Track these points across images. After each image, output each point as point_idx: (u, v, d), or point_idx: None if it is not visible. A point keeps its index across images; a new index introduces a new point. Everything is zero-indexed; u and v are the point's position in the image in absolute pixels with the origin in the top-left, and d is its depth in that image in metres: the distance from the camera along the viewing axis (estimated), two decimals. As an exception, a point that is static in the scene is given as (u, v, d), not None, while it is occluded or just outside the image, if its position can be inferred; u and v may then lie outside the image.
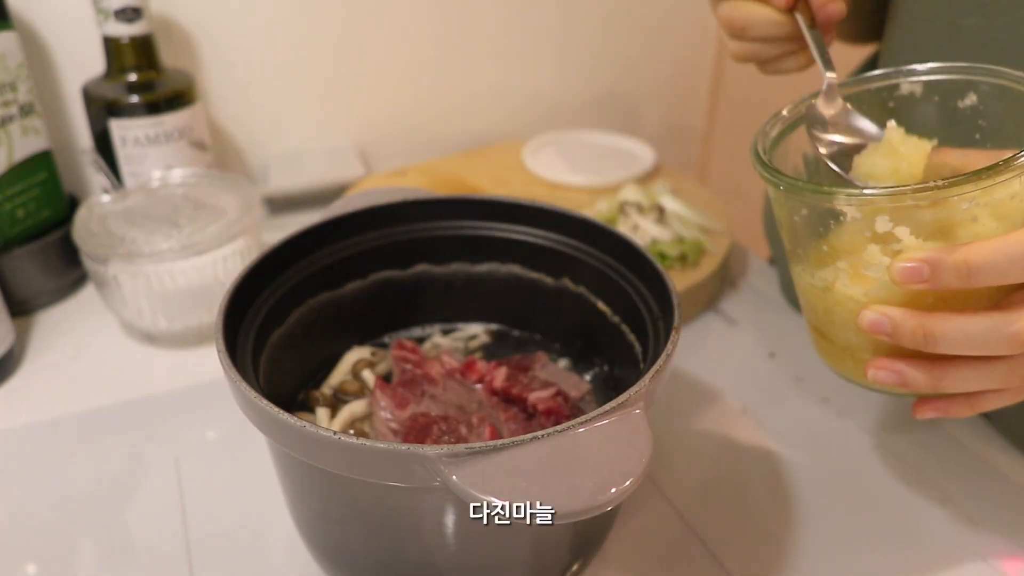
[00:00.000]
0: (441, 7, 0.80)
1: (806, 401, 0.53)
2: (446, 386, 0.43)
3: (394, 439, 0.40)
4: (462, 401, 0.42)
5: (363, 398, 0.43)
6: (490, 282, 0.47)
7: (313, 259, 0.43)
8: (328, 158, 0.80)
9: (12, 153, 0.58)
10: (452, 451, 0.27)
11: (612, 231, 0.42)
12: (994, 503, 0.45)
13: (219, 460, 0.48)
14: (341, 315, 0.45)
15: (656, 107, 0.97)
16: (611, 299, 0.43)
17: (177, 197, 0.59)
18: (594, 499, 0.26)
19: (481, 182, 0.76)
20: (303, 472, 0.33)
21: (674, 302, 0.35)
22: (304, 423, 0.28)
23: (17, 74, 0.58)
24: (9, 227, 0.59)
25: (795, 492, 0.45)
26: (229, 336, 0.35)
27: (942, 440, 0.49)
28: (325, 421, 0.42)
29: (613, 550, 0.42)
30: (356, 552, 0.36)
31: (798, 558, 0.41)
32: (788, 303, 0.63)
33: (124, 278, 0.53)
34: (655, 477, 0.46)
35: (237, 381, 0.31)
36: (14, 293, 0.59)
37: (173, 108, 0.63)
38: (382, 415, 0.41)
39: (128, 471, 0.47)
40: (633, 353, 0.40)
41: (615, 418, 0.29)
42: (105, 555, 0.42)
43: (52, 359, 0.56)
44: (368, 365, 0.45)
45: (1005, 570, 0.41)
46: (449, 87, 0.85)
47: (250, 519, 0.43)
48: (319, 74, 0.78)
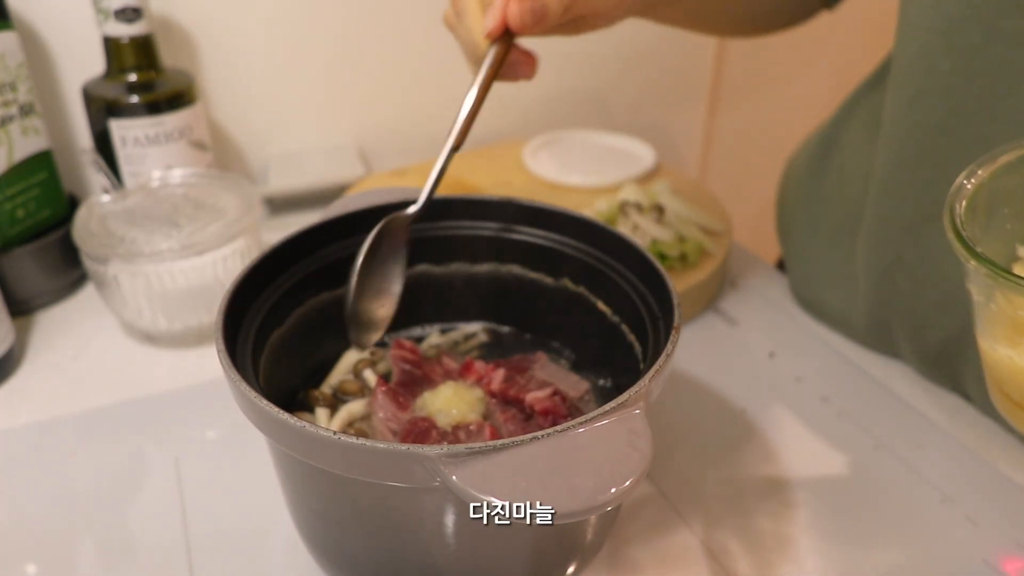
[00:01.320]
0: (440, 6, 0.80)
1: (806, 401, 0.53)
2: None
3: (393, 439, 0.40)
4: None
5: (363, 398, 0.43)
6: (490, 282, 0.47)
7: (313, 259, 0.43)
8: (328, 158, 0.80)
9: (12, 153, 0.58)
10: (452, 451, 0.27)
11: (612, 231, 0.42)
12: (994, 503, 0.45)
13: (219, 460, 0.48)
14: (341, 315, 0.45)
15: (656, 107, 0.97)
16: (611, 299, 0.43)
17: (177, 197, 0.59)
18: (594, 499, 0.26)
19: (481, 182, 0.76)
20: (303, 472, 0.33)
21: (674, 302, 0.35)
22: (304, 423, 0.28)
23: (17, 74, 0.58)
24: (9, 227, 0.59)
25: (795, 492, 0.45)
26: (229, 336, 0.35)
27: (942, 440, 0.49)
28: (324, 421, 0.42)
29: (613, 550, 0.42)
30: (356, 552, 0.36)
31: (798, 558, 0.41)
32: (796, 304, 0.63)
33: (124, 278, 0.53)
34: (655, 477, 0.46)
35: (237, 381, 0.31)
36: (14, 293, 0.59)
37: (173, 108, 0.63)
38: (381, 415, 0.41)
39: (128, 471, 0.47)
40: (633, 353, 0.40)
41: (615, 418, 0.29)
42: (105, 555, 0.42)
43: (52, 359, 0.56)
44: (369, 364, 0.45)
45: (1005, 570, 0.41)
46: (449, 87, 0.85)
47: (250, 519, 0.43)
48: (319, 74, 0.78)
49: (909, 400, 0.53)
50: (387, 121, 0.83)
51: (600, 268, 0.43)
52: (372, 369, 0.45)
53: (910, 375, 0.55)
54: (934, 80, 0.46)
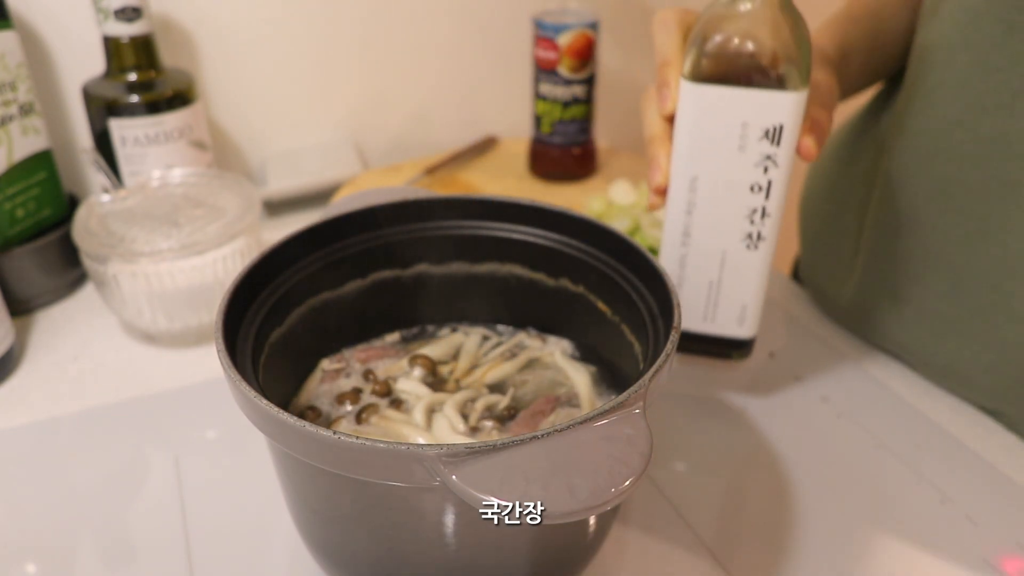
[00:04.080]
0: (440, 6, 0.80)
1: (806, 401, 0.53)
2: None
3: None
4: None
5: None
6: (490, 282, 0.47)
7: (313, 259, 0.43)
8: (326, 157, 0.79)
9: (12, 153, 0.58)
10: (452, 451, 0.27)
11: (612, 231, 0.42)
12: (994, 503, 0.45)
13: (219, 460, 0.48)
14: (341, 315, 0.45)
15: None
16: (611, 299, 0.43)
17: (177, 197, 0.59)
18: (594, 499, 0.26)
19: (481, 182, 0.76)
20: (303, 472, 0.33)
21: (674, 302, 0.35)
22: (304, 423, 0.28)
23: (17, 74, 0.58)
24: (9, 227, 0.59)
25: (795, 492, 0.45)
26: (229, 336, 0.35)
27: (942, 440, 0.49)
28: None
29: (613, 550, 0.42)
30: (356, 552, 0.36)
31: (798, 558, 0.41)
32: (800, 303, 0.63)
33: (124, 278, 0.53)
34: (655, 477, 0.46)
35: (237, 381, 0.31)
36: (14, 293, 0.59)
37: (173, 108, 0.63)
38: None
39: (128, 471, 0.47)
40: (633, 353, 0.40)
41: (615, 418, 0.29)
42: (105, 555, 0.42)
43: (52, 359, 0.56)
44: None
45: (1005, 570, 0.41)
46: (449, 86, 0.85)
47: (250, 519, 0.43)
48: (319, 74, 0.78)
49: (909, 400, 0.53)
50: (383, 119, 0.83)
51: (600, 268, 0.42)
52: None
53: (910, 375, 0.55)
54: (951, 73, 0.46)
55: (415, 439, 0.38)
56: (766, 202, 0.43)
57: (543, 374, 0.44)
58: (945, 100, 0.46)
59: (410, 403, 0.41)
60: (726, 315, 0.47)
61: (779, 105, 0.40)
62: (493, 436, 0.39)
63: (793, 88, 0.40)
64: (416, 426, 0.39)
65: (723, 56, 0.40)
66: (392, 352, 0.46)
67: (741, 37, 0.40)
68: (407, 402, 0.41)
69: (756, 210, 0.43)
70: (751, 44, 0.40)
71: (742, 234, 0.44)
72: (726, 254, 0.45)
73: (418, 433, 0.39)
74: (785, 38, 0.40)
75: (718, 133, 0.42)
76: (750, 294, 0.46)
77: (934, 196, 0.48)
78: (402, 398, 0.42)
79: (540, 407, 0.41)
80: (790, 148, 0.42)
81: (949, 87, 0.46)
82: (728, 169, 0.43)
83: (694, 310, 0.47)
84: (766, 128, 0.41)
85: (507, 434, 0.40)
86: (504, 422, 0.40)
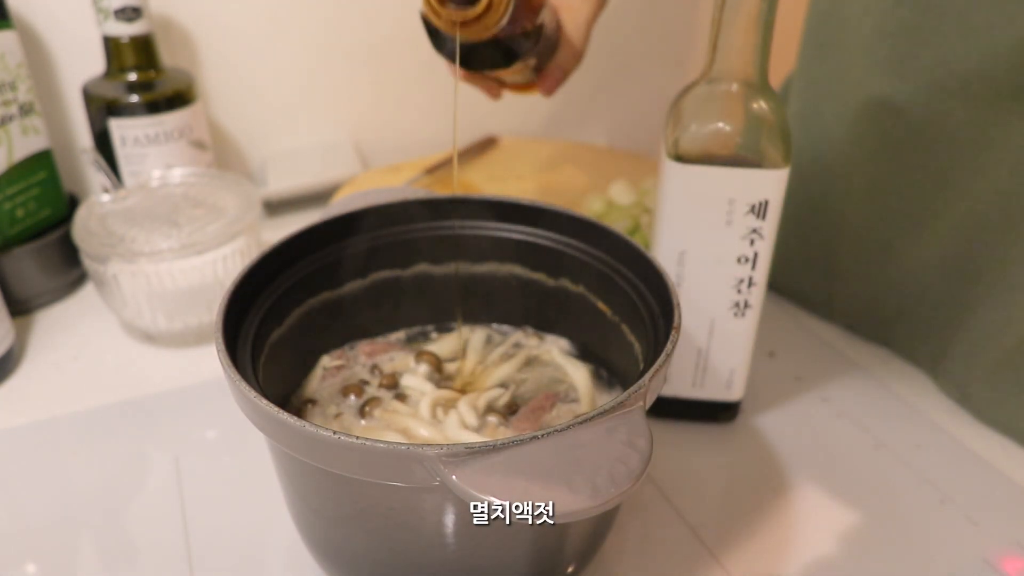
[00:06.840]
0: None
1: (806, 401, 0.53)
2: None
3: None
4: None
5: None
6: (490, 282, 0.47)
7: (313, 259, 0.43)
8: (326, 156, 0.79)
9: (12, 153, 0.58)
10: (452, 451, 0.27)
11: (612, 231, 0.42)
12: (994, 503, 0.45)
13: (219, 460, 0.48)
14: (341, 315, 0.45)
15: (656, 106, 0.97)
16: (611, 299, 0.43)
17: (177, 196, 0.59)
18: (594, 499, 0.26)
19: (481, 182, 0.76)
20: (303, 472, 0.33)
21: (674, 302, 0.35)
22: (304, 423, 0.28)
23: (17, 74, 0.58)
24: (9, 227, 0.59)
25: (795, 492, 0.45)
26: (229, 336, 0.35)
27: (942, 440, 0.49)
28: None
29: (613, 550, 0.42)
30: (356, 552, 0.36)
31: (798, 558, 0.41)
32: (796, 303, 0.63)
33: (124, 277, 0.53)
34: (655, 477, 0.46)
35: (237, 381, 0.31)
36: (14, 293, 0.59)
37: (173, 108, 0.63)
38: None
39: (128, 471, 0.47)
40: (633, 353, 0.40)
41: (615, 418, 0.29)
42: (105, 555, 0.42)
43: (52, 359, 0.56)
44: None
45: (1005, 570, 0.41)
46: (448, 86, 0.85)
47: (250, 519, 0.43)
48: (319, 73, 0.78)
49: (909, 400, 0.53)
50: (383, 118, 0.83)
51: (600, 268, 0.42)
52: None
53: (910, 375, 0.55)
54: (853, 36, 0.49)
55: (419, 432, 0.39)
56: (752, 272, 0.44)
57: (542, 372, 0.44)
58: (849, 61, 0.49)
59: (414, 399, 0.41)
60: (714, 381, 0.48)
61: (763, 182, 0.41)
62: (499, 432, 0.39)
63: (774, 166, 0.41)
64: (421, 419, 0.39)
65: (703, 139, 0.41)
66: (398, 348, 0.46)
67: (720, 121, 0.41)
68: (411, 398, 0.42)
69: (743, 280, 0.44)
70: (729, 127, 0.41)
71: (730, 303, 0.45)
72: (714, 322, 0.46)
73: (423, 426, 0.39)
74: (764, 119, 0.40)
75: (705, 209, 0.42)
76: (738, 359, 0.47)
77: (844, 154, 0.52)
78: (407, 394, 0.42)
79: (540, 403, 0.41)
80: (775, 221, 0.42)
81: (848, 49, 0.48)
82: (716, 243, 0.43)
83: (683, 377, 0.48)
84: (752, 204, 0.42)
85: (510, 429, 0.40)
86: (506, 417, 0.40)
